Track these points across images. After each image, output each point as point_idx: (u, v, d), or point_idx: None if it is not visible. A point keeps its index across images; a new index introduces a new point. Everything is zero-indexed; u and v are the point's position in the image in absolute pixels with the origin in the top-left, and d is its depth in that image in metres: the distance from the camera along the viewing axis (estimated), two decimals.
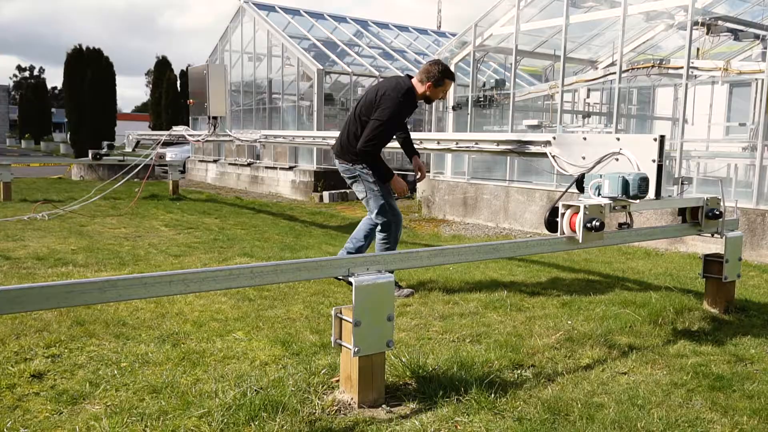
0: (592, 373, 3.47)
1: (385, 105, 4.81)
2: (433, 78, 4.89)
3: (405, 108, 4.97)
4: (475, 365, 3.42)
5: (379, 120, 4.80)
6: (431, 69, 4.89)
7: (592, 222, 3.73)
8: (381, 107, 4.83)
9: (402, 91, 4.86)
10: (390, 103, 4.80)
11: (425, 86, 4.92)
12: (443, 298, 5.03)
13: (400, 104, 4.85)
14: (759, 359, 3.77)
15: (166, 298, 4.76)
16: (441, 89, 4.97)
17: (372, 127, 4.83)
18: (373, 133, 4.82)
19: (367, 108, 4.95)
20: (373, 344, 2.92)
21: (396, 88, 4.89)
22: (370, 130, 4.83)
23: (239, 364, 3.45)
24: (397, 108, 4.84)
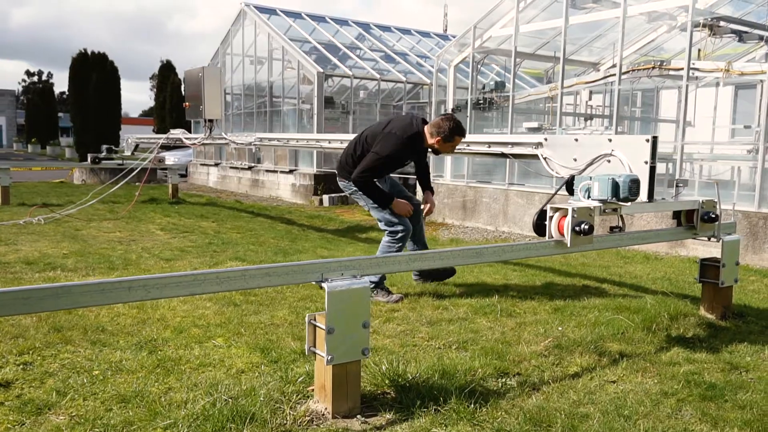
0: (580, 382, 3.35)
1: (389, 142, 4.82)
2: (443, 134, 4.83)
3: (407, 151, 4.95)
4: (458, 373, 3.31)
5: (378, 155, 4.82)
6: (442, 125, 4.83)
7: (580, 225, 3.62)
8: (384, 142, 4.84)
9: (409, 134, 4.85)
10: (394, 141, 4.81)
11: (434, 140, 4.88)
12: (433, 303, 4.92)
13: (403, 146, 4.84)
14: (754, 367, 3.64)
15: (149, 304, 4.67)
16: (450, 144, 4.93)
17: (369, 160, 4.85)
18: (368, 165, 4.84)
19: (372, 137, 4.96)
20: (347, 352, 2.82)
21: (405, 128, 4.87)
22: (366, 162, 4.85)
23: (215, 372, 3.35)
24: (399, 148, 4.84)
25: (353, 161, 5.01)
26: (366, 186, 4.89)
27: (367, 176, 4.85)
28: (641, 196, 4.00)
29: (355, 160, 4.99)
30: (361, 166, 4.86)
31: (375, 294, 5.04)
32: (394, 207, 4.97)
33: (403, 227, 5.02)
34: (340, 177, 5.17)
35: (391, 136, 4.84)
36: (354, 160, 5.01)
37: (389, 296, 5.03)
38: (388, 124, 4.98)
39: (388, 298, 5.00)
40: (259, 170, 16.20)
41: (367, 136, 5.03)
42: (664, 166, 12.10)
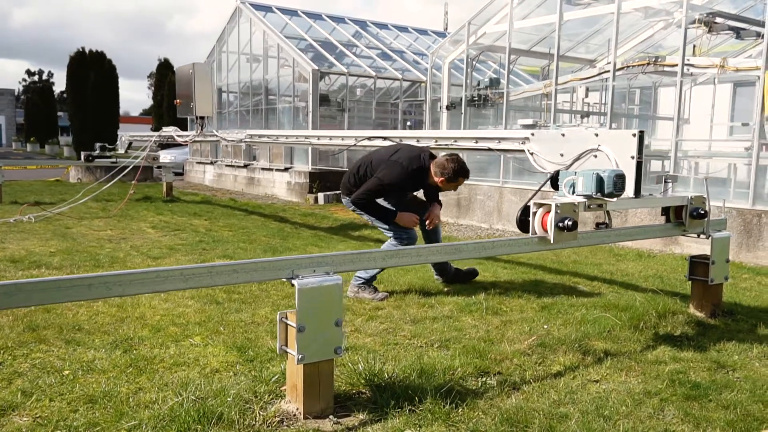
0: (561, 381, 3.27)
1: (393, 170, 4.87)
2: (447, 174, 4.86)
3: (409, 182, 5.00)
4: (437, 373, 3.24)
5: (380, 180, 4.88)
6: (447, 166, 4.85)
7: (564, 221, 3.54)
8: (388, 169, 4.89)
9: (414, 167, 4.88)
10: (398, 170, 4.86)
11: (438, 179, 4.90)
12: (419, 301, 4.85)
13: (407, 176, 4.89)
14: (742, 366, 3.57)
15: (129, 302, 4.60)
16: (453, 184, 4.96)
17: (370, 183, 4.91)
18: (368, 188, 4.91)
19: (378, 162, 5.00)
20: (319, 351, 2.74)
21: (411, 160, 4.91)
22: (367, 185, 4.92)
23: (188, 371, 3.28)
24: (402, 179, 4.88)
25: (355, 180, 5.09)
26: (366, 206, 4.99)
27: (365, 198, 4.94)
28: (627, 191, 3.94)
29: (357, 180, 5.08)
30: (362, 188, 4.94)
31: (361, 291, 4.98)
32: (398, 221, 5.02)
33: (408, 236, 5.05)
34: (343, 194, 5.25)
35: (397, 165, 4.90)
36: (356, 180, 5.09)
37: (375, 294, 4.96)
38: (396, 152, 5.04)
39: (374, 296, 4.93)
40: (255, 168, 16.13)
41: (372, 160, 5.09)
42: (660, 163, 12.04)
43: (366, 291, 4.98)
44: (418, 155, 4.99)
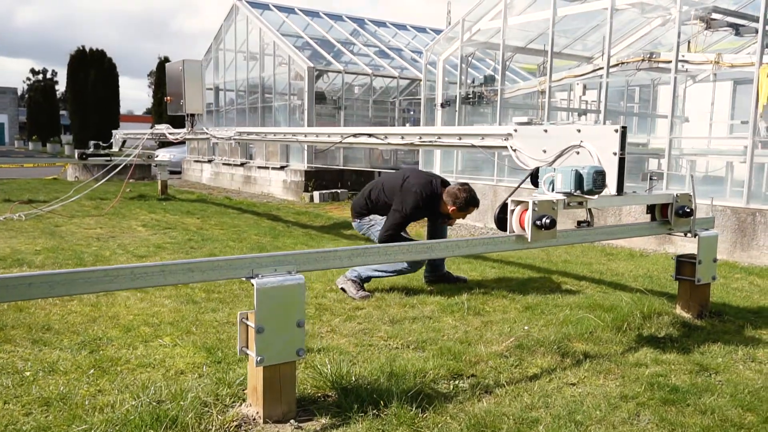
0: (536, 384, 3.17)
1: (409, 198, 4.94)
2: (459, 204, 4.93)
3: (425, 210, 5.07)
4: (407, 375, 3.14)
5: (400, 212, 4.95)
6: (459, 195, 4.93)
7: (542, 219, 3.44)
8: (405, 198, 4.96)
9: (428, 192, 4.97)
10: (414, 198, 4.93)
11: (450, 207, 4.97)
12: (401, 300, 4.75)
13: (423, 203, 4.96)
14: (725, 369, 3.46)
15: (104, 301, 4.52)
16: (463, 213, 5.02)
17: (393, 218, 4.97)
18: (394, 223, 4.96)
19: (391, 190, 5.08)
20: (279, 353, 2.65)
21: (424, 186, 5.00)
22: (391, 221, 4.98)
23: (153, 373, 3.19)
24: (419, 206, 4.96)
25: (367, 203, 5.21)
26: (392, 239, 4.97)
27: (393, 232, 4.96)
28: (610, 188, 3.84)
29: (370, 203, 5.18)
30: (386, 225, 4.98)
31: (349, 284, 4.92)
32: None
33: (408, 266, 5.04)
34: (353, 217, 5.34)
35: (411, 193, 4.96)
36: (368, 203, 5.20)
37: (358, 292, 4.87)
38: (407, 179, 5.08)
39: (356, 294, 4.84)
40: (252, 166, 16.04)
41: (383, 184, 5.18)
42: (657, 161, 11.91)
43: (352, 286, 4.90)
44: (430, 181, 5.07)
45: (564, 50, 12.35)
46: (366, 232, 5.29)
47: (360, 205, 5.26)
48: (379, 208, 5.16)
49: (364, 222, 5.26)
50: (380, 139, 5.61)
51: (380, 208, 5.15)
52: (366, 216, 5.24)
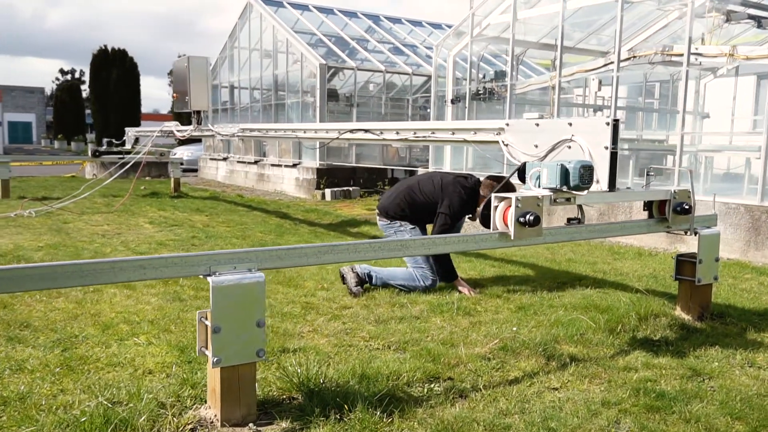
0: (516, 389, 3.03)
1: (454, 199, 4.97)
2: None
3: (467, 206, 5.04)
4: (380, 378, 3.02)
5: (448, 214, 4.97)
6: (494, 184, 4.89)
7: (525, 216, 3.30)
8: (450, 201, 4.98)
9: (469, 190, 5.01)
10: (458, 198, 4.97)
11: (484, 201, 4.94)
12: (391, 299, 4.63)
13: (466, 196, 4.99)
14: (719, 374, 3.28)
15: (89, 298, 4.47)
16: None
17: (442, 221, 4.97)
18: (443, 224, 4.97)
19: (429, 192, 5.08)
20: (238, 354, 2.55)
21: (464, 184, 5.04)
22: (440, 223, 4.97)
23: (120, 372, 3.11)
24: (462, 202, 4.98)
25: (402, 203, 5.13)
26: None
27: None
28: (601, 184, 3.68)
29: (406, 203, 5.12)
30: (437, 229, 4.98)
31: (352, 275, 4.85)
32: (456, 283, 5.02)
33: (432, 282, 5.02)
34: (381, 215, 5.27)
35: (455, 193, 5.00)
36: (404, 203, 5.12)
37: (353, 287, 4.78)
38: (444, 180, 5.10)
39: (350, 288, 4.77)
40: (265, 164, 16.02)
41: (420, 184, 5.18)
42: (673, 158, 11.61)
43: (353, 279, 4.83)
44: (465, 177, 5.12)
45: (578, 45, 12.10)
46: (393, 236, 5.17)
47: (394, 205, 5.17)
48: (417, 209, 5.12)
49: (394, 225, 5.18)
50: (376, 135, 5.48)
51: (418, 209, 5.11)
52: (396, 220, 5.16)
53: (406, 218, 5.15)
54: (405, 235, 5.11)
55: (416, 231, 5.14)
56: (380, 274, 4.93)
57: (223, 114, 18.60)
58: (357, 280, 4.83)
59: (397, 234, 5.17)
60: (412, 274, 5.00)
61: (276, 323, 3.99)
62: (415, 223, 5.15)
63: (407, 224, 5.14)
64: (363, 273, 4.87)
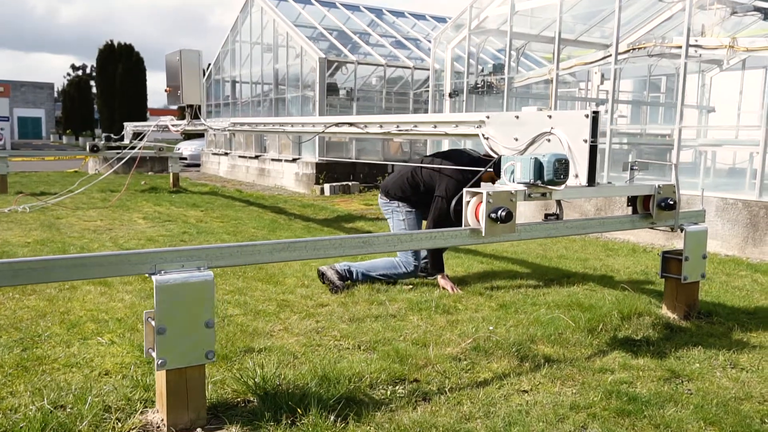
0: (483, 391, 2.92)
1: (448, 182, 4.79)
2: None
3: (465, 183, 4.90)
4: (342, 379, 2.91)
5: (443, 197, 4.79)
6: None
7: (497, 212, 3.17)
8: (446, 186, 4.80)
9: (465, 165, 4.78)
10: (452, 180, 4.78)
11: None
12: (370, 297, 4.51)
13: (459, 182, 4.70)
14: (699, 376, 3.15)
15: (62, 296, 4.39)
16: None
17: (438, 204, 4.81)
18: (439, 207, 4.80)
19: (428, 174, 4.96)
20: (185, 355, 2.45)
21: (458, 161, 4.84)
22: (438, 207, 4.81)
23: (76, 373, 3.02)
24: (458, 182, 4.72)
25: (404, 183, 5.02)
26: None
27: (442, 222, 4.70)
28: (580, 179, 3.55)
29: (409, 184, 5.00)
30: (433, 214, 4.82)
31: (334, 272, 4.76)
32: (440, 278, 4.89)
33: (414, 268, 4.96)
34: (383, 194, 5.16)
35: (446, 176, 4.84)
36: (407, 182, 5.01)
37: (336, 281, 4.69)
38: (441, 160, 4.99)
39: (333, 283, 4.69)
40: (265, 159, 15.94)
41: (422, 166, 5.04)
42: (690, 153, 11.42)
43: (334, 275, 4.75)
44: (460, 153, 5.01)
45: (581, 37, 11.90)
46: (388, 215, 5.13)
47: (396, 186, 5.05)
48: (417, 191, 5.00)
49: (392, 205, 5.08)
50: (360, 128, 5.37)
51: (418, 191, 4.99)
52: (395, 200, 5.05)
53: (405, 200, 5.04)
54: (399, 217, 5.04)
55: (411, 215, 5.03)
56: (360, 267, 4.84)
57: (225, 108, 18.53)
58: (338, 276, 4.74)
59: (393, 214, 5.08)
60: (392, 261, 4.92)
61: (247, 321, 3.89)
62: (414, 206, 5.04)
63: (404, 206, 5.03)
64: (343, 270, 4.78)
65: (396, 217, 5.06)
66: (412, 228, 5.00)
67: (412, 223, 5.02)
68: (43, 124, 61.96)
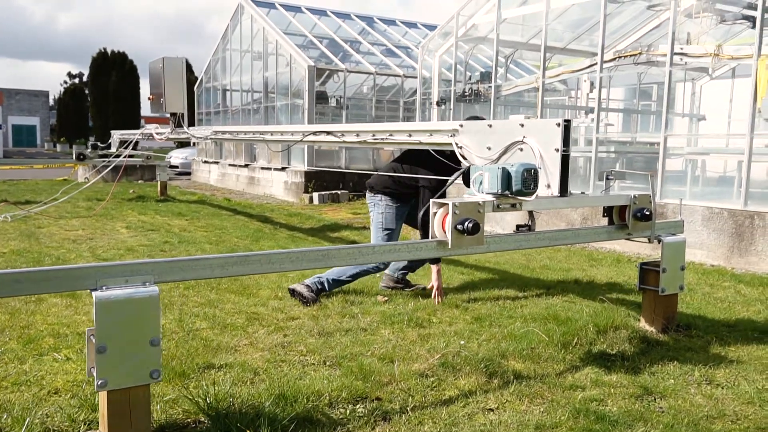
0: (447, 410, 2.81)
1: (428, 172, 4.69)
2: None
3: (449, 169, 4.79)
4: (300, 398, 2.80)
5: (428, 187, 4.68)
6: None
7: (464, 224, 3.07)
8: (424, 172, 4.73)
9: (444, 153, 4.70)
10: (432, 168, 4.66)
11: None
12: (343, 310, 4.41)
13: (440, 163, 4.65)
14: (672, 393, 3.05)
15: (25, 309, 4.27)
16: None
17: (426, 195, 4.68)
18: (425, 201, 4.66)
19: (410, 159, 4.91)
20: (127, 376, 2.34)
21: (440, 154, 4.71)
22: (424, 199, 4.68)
23: (25, 392, 2.91)
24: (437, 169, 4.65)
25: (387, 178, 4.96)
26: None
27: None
28: (552, 189, 3.46)
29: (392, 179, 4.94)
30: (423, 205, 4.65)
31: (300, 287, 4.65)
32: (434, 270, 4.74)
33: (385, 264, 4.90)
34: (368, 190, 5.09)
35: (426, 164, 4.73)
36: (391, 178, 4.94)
37: (309, 295, 4.57)
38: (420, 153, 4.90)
39: (302, 295, 4.57)
40: (255, 168, 15.85)
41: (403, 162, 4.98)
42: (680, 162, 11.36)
43: (305, 288, 4.65)
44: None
45: (569, 45, 11.86)
46: (371, 210, 5.04)
47: (380, 181, 4.99)
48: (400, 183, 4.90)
49: (375, 198, 4.99)
50: (337, 137, 5.28)
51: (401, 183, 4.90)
52: (379, 194, 4.96)
53: (390, 193, 4.94)
54: (378, 210, 4.94)
55: (391, 209, 4.91)
56: (329, 276, 4.73)
57: (216, 116, 18.45)
58: (307, 289, 4.63)
59: (375, 207, 4.98)
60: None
61: (213, 335, 3.78)
62: (399, 199, 4.92)
63: (386, 200, 4.91)
64: (314, 283, 4.67)
65: (376, 210, 4.96)
66: (389, 222, 4.90)
67: (390, 218, 4.91)
68: (38, 132, 61.79)
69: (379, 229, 4.92)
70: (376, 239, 4.94)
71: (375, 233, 4.97)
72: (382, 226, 4.90)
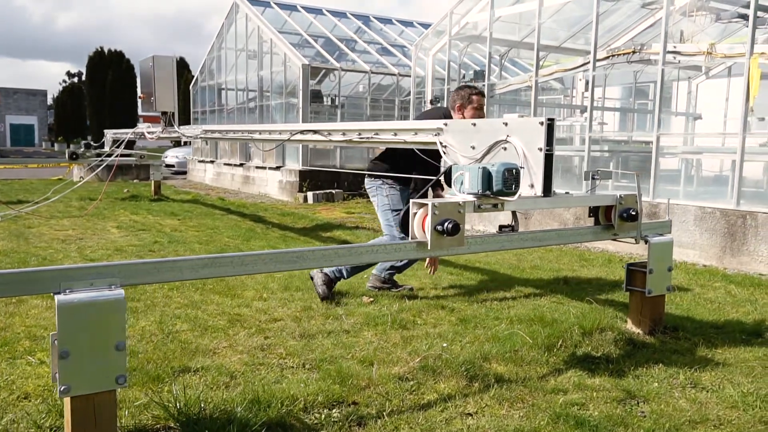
0: (424, 415, 2.75)
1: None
2: (460, 100, 4.69)
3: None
4: (274, 403, 2.74)
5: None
6: (455, 95, 4.75)
7: (444, 224, 3.01)
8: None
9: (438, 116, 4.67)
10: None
11: (458, 113, 4.70)
12: (326, 311, 4.35)
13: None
14: (656, 397, 2.99)
15: (8, 310, 4.21)
16: (472, 107, 4.69)
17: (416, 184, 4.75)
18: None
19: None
20: (91, 381, 2.28)
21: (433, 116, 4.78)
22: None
23: None
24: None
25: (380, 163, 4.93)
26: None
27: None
28: (536, 189, 3.40)
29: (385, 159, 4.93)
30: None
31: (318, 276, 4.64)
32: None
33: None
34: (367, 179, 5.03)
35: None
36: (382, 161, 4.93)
37: (322, 286, 4.60)
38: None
39: (319, 287, 4.61)
40: (250, 167, 15.78)
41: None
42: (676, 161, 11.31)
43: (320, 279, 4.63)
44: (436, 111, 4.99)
45: (564, 44, 11.80)
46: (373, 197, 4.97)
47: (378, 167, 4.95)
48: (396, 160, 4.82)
49: (375, 183, 4.93)
50: (324, 136, 5.22)
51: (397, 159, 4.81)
52: (379, 179, 4.90)
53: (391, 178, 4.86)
54: (383, 193, 4.86)
55: (395, 190, 4.83)
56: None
57: (212, 115, 18.38)
58: (324, 280, 4.59)
59: (378, 192, 4.90)
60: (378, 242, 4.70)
61: (193, 338, 3.73)
62: (398, 180, 4.84)
63: (387, 183, 4.85)
64: (332, 271, 4.62)
65: (380, 193, 4.87)
66: (396, 203, 4.81)
67: (396, 199, 4.82)
68: (36, 131, 61.69)
69: (387, 210, 4.81)
70: (386, 222, 4.82)
71: (384, 216, 4.85)
72: (389, 207, 4.81)
